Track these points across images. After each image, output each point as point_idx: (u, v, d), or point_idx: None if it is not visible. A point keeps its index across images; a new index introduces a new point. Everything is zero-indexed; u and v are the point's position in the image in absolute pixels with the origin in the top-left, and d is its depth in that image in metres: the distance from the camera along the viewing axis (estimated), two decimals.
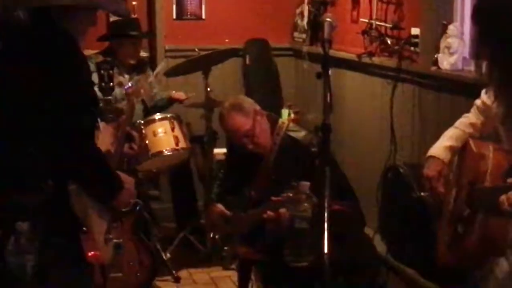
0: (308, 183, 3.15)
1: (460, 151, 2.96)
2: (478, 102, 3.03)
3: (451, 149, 2.99)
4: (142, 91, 4.63)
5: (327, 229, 2.22)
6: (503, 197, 2.43)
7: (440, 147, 3.03)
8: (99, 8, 2.74)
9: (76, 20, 2.64)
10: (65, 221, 2.63)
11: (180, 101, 5.27)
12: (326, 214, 2.23)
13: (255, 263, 3.79)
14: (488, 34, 2.57)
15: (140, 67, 5.33)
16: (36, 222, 2.51)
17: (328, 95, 2.34)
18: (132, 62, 5.19)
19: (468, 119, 3.04)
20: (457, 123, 3.07)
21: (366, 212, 3.92)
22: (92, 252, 2.80)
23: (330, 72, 2.43)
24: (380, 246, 4.42)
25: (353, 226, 3.60)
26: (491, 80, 2.68)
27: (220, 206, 3.77)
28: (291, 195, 3.24)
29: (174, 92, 5.33)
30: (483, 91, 3.00)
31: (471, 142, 2.88)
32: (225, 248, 3.88)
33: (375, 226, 4.61)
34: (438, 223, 3.03)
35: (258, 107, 3.77)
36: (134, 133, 3.66)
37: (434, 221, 3.83)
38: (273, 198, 3.38)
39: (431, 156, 3.04)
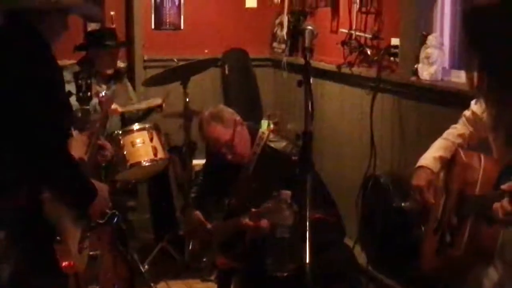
0: (289, 192, 3.13)
1: (450, 160, 2.94)
2: (467, 113, 3.01)
3: (441, 159, 2.97)
4: (118, 102, 4.59)
5: (309, 238, 2.20)
6: (497, 205, 2.41)
7: (430, 158, 2.99)
8: (71, 11, 2.72)
9: (48, 24, 2.62)
10: (39, 230, 2.59)
11: (158, 108, 5.20)
12: (307, 223, 2.22)
13: (235, 274, 3.76)
14: (477, 42, 2.57)
15: (117, 77, 5.29)
16: (11, 230, 2.47)
17: (310, 103, 2.33)
18: (109, 72, 5.15)
19: (457, 130, 3.02)
20: (446, 134, 3.05)
21: (346, 222, 3.90)
22: (66, 262, 2.75)
23: (311, 80, 2.42)
24: (360, 256, 4.40)
25: (334, 235, 3.58)
26: (481, 89, 2.67)
27: (199, 214, 3.74)
28: (271, 205, 3.22)
29: (151, 100, 5.28)
30: (472, 102, 2.98)
31: (460, 151, 2.87)
32: (204, 259, 3.84)
33: (355, 236, 4.59)
34: (424, 230, 3.01)
35: (238, 117, 3.75)
36: (106, 143, 3.63)
37: (415, 231, 3.84)
38: (253, 209, 3.36)
39: (420, 166, 3.00)
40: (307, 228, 2.24)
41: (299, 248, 2.30)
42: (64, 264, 2.73)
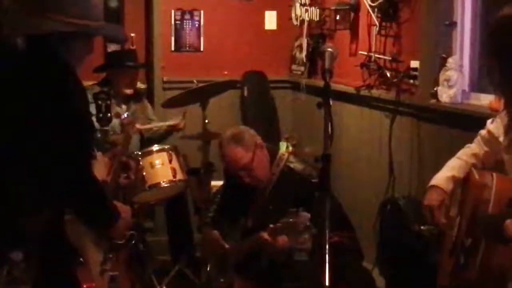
0: (308, 214, 3.11)
1: (463, 181, 2.93)
2: (483, 132, 3.00)
3: (453, 179, 2.95)
4: (137, 122, 4.62)
5: (328, 262, 2.19)
6: (508, 222, 2.40)
7: (442, 177, 2.98)
8: (96, 34, 2.72)
9: (73, 47, 2.62)
10: (61, 252, 2.59)
11: (178, 128, 5.21)
12: (327, 246, 2.20)
13: None
14: (498, 60, 2.57)
15: (137, 98, 5.32)
16: (31, 252, 2.46)
17: (329, 124, 2.32)
18: (128, 92, 5.18)
19: (471, 150, 3.00)
20: (460, 154, 3.03)
21: (364, 246, 3.87)
22: (88, 284, 2.75)
23: (330, 102, 2.41)
24: (379, 280, 4.36)
25: (352, 258, 3.56)
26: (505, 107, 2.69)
27: (216, 234, 3.73)
28: (290, 220, 3.19)
29: (170, 120, 5.29)
30: (488, 121, 2.97)
31: (474, 171, 2.85)
32: (221, 280, 3.82)
33: (373, 259, 4.56)
34: (440, 253, 2.99)
35: (259, 140, 3.73)
36: (131, 162, 3.63)
37: (433, 255, 3.81)
38: (271, 225, 3.34)
39: (432, 186, 2.99)
40: (327, 251, 2.22)
41: (318, 271, 2.29)
42: (85, 286, 2.72)
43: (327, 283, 2.17)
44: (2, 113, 2.48)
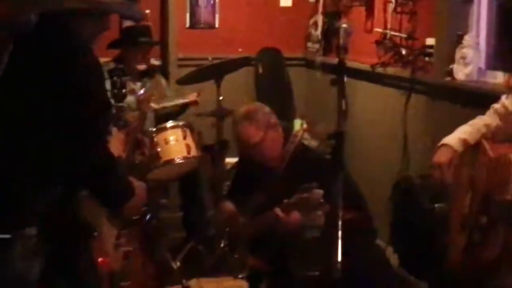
0: (321, 191, 3.11)
1: (474, 151, 2.92)
2: (496, 105, 3.00)
3: (464, 142, 2.96)
4: (152, 99, 4.63)
5: (340, 238, 2.19)
6: None
7: (454, 138, 3.00)
8: (113, 12, 2.71)
9: (89, 24, 2.61)
10: (75, 227, 2.60)
11: (194, 103, 5.20)
12: (339, 223, 2.21)
13: (266, 273, 3.75)
14: None
15: (150, 74, 5.32)
16: (44, 227, 2.47)
17: (343, 101, 2.31)
18: (140, 67, 5.17)
19: (483, 120, 3.01)
20: (472, 122, 3.04)
21: (378, 224, 3.87)
22: (101, 259, 2.77)
23: (345, 79, 2.40)
24: (392, 258, 4.37)
25: (365, 236, 3.56)
26: None
27: (232, 207, 3.74)
28: (304, 195, 3.19)
29: (185, 97, 5.28)
30: (503, 96, 2.97)
31: (486, 144, 2.85)
32: (235, 256, 3.83)
33: (387, 238, 4.56)
34: (448, 230, 2.99)
35: (273, 119, 3.68)
36: (145, 139, 3.62)
37: (447, 233, 3.81)
38: (286, 200, 3.34)
39: (443, 144, 3.00)
40: (339, 229, 2.23)
41: (329, 248, 2.29)
42: (99, 260, 2.74)
43: (339, 260, 2.18)
44: (18, 90, 2.48)
